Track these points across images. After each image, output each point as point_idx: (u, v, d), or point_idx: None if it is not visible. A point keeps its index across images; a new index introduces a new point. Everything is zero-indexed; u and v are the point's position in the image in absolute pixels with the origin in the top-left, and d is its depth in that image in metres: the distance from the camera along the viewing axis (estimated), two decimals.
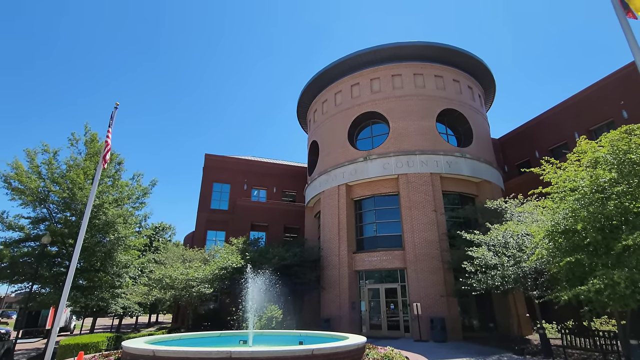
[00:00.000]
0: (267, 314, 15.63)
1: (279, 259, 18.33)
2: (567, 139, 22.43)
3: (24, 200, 15.43)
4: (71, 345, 11.42)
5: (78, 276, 15.96)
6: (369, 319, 19.02)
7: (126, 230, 16.92)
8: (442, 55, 22.69)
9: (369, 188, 20.87)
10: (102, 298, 17.14)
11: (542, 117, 24.94)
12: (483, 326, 18.03)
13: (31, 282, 15.07)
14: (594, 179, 8.22)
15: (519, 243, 13.03)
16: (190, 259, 20.69)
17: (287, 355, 6.12)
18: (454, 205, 20.42)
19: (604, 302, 7.95)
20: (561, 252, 9.36)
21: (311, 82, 25.46)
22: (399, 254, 18.68)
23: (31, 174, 15.74)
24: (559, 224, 9.14)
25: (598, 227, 8.15)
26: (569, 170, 9.50)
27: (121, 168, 18.21)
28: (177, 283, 17.45)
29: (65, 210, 16.12)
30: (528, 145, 25.59)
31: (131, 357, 6.68)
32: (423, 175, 19.41)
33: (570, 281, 9.22)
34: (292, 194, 31.51)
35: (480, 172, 20.70)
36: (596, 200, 8.14)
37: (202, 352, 6.09)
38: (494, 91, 26.06)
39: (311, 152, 26.30)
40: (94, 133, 17.40)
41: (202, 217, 27.71)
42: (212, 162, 29.82)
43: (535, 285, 12.55)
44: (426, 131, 20.68)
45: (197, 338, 10.10)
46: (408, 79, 22.11)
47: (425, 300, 16.86)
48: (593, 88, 21.56)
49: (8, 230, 15.59)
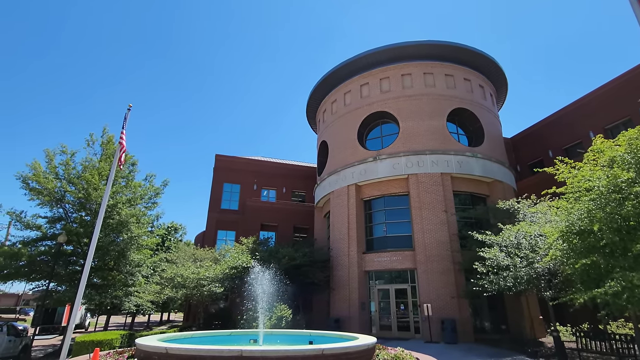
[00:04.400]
0: (277, 313, 15.70)
1: (288, 258, 18.39)
2: (581, 138, 21.95)
3: (41, 200, 15.84)
4: (86, 342, 11.66)
5: (92, 275, 16.30)
6: (379, 320, 18.93)
7: (139, 229, 17.21)
8: (453, 54, 22.44)
9: (379, 188, 20.77)
10: (116, 296, 17.44)
11: (556, 116, 24.46)
12: (495, 328, 17.77)
13: (48, 280, 15.44)
14: (612, 179, 8.01)
15: (532, 244, 12.80)
16: (201, 258, 20.93)
17: (297, 354, 6.15)
18: (465, 205, 20.17)
19: (622, 305, 7.74)
20: (576, 254, 9.15)
21: (320, 82, 25.47)
22: (409, 254, 18.55)
23: (48, 174, 16.17)
24: (574, 224, 8.93)
25: (615, 228, 7.94)
26: (584, 169, 9.28)
27: (135, 169, 18.57)
28: (189, 282, 17.67)
29: (81, 210, 16.50)
30: (541, 145, 25.12)
31: (144, 355, 6.79)
32: (433, 175, 19.23)
33: (586, 283, 9.01)
34: (302, 194, 31.58)
35: (492, 172, 20.41)
36: (613, 201, 7.93)
37: (214, 351, 6.16)
38: (506, 90, 25.66)
39: (321, 152, 26.31)
40: (111, 135, 17.80)
41: (212, 217, 27.99)
42: (222, 163, 30.11)
43: (548, 286, 12.31)
44: (436, 131, 20.48)
45: (208, 336, 10.22)
46: (418, 78, 21.94)
47: (435, 301, 16.70)
48: (609, 86, 21.05)
49: (26, 229, 16.02)
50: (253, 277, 14.40)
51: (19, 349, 14.18)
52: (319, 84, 25.62)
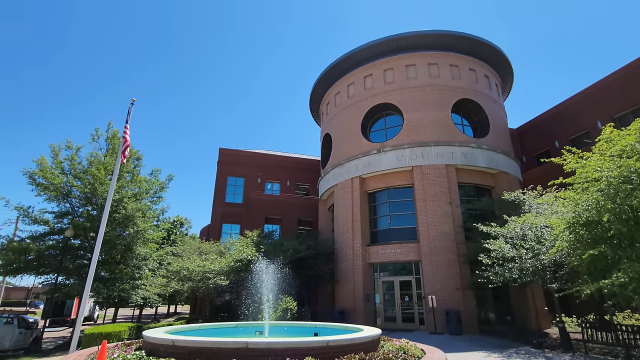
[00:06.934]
0: (282, 305, 15.83)
1: (293, 251, 18.47)
2: (588, 128, 21.63)
3: (48, 195, 15.99)
4: (95, 334, 11.86)
5: (100, 268, 16.50)
6: (384, 312, 19.02)
7: (145, 224, 17.34)
8: (457, 44, 22.09)
9: (383, 180, 20.69)
10: (123, 289, 17.66)
11: (562, 106, 24.07)
12: (500, 319, 17.79)
13: (56, 274, 15.65)
14: (622, 169, 7.88)
15: (538, 235, 12.71)
16: (206, 251, 21.11)
17: (302, 346, 6.18)
18: (469, 197, 20.05)
19: (629, 296, 7.69)
20: (582, 245, 9.08)
21: (324, 74, 25.25)
22: (414, 246, 18.54)
23: (54, 169, 16.29)
24: (581, 215, 8.84)
25: (623, 219, 7.84)
26: (592, 159, 9.14)
27: (140, 164, 18.65)
28: (194, 275, 17.84)
29: (87, 204, 16.65)
30: (547, 135, 24.78)
31: (152, 347, 6.88)
32: (438, 167, 19.11)
33: (592, 274, 8.96)
34: (306, 187, 31.59)
35: (497, 163, 20.22)
36: (622, 191, 7.81)
37: (220, 342, 6.22)
38: (512, 80, 25.28)
39: (324, 145, 26.21)
40: (116, 130, 17.87)
41: (217, 210, 28.13)
42: (226, 156, 30.14)
43: (554, 278, 12.26)
44: (441, 122, 20.28)
45: (214, 329, 10.33)
46: (422, 69, 21.66)
47: (440, 293, 16.73)
48: (618, 74, 20.62)
49: (34, 224, 16.22)
50: (258, 270, 14.50)
51: (29, 341, 14.47)
52: (322, 76, 25.40)
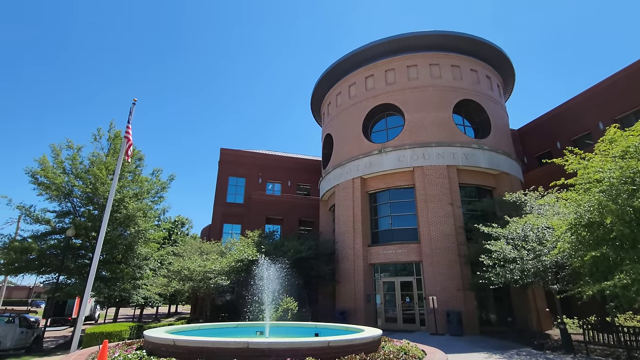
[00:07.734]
0: (283, 305, 15.82)
1: (294, 252, 18.46)
2: (590, 129, 21.58)
3: (49, 194, 16.01)
4: (96, 334, 11.87)
5: (101, 268, 16.50)
6: (384, 312, 19.00)
7: (146, 223, 17.34)
8: (459, 44, 22.07)
9: (384, 181, 20.68)
10: (124, 289, 17.67)
11: (564, 107, 24.02)
12: (501, 321, 17.75)
13: (57, 274, 15.67)
14: (625, 170, 7.85)
15: (539, 236, 12.68)
16: (207, 251, 21.11)
17: (303, 346, 6.17)
18: (471, 198, 20.02)
19: (631, 298, 7.66)
20: (584, 246, 9.05)
21: (325, 75, 25.25)
22: (415, 247, 18.52)
23: (56, 169, 16.31)
24: (583, 216, 8.82)
25: (626, 220, 7.81)
26: (595, 160, 9.12)
27: (141, 164, 18.65)
28: (195, 275, 17.85)
29: (88, 204, 16.67)
30: (549, 136, 24.73)
31: (153, 346, 6.88)
32: (439, 167, 19.08)
33: (594, 276, 8.93)
34: (307, 187, 31.59)
35: (499, 164, 20.19)
36: (624, 192, 7.79)
37: (221, 342, 6.21)
38: (513, 81, 25.24)
39: (325, 145, 26.20)
40: (118, 130, 17.85)
41: (218, 210, 28.15)
42: (227, 157, 30.17)
43: (556, 279, 12.22)
44: (442, 122, 20.26)
45: (215, 329, 10.32)
46: (424, 69, 21.64)
47: (441, 293, 16.70)
48: (619, 75, 20.57)
49: (35, 223, 16.23)
50: (259, 270, 14.50)
51: (31, 340, 14.49)
52: (323, 76, 25.41)
